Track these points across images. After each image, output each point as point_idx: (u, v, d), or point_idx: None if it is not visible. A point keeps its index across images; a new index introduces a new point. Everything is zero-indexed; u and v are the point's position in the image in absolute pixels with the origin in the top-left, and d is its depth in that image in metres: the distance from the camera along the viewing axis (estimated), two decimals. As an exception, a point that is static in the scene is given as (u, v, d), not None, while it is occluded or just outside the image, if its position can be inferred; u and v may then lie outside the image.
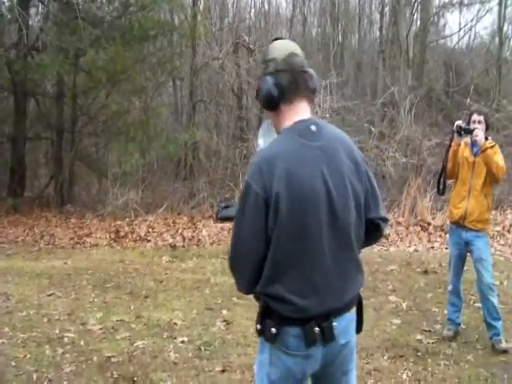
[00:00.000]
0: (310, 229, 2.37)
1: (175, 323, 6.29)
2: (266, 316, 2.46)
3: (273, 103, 2.53)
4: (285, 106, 2.52)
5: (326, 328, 2.39)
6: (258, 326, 2.49)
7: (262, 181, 2.33)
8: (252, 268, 2.42)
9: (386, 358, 5.22)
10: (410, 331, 5.90)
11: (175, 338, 5.83)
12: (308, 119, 2.51)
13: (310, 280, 2.39)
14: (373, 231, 2.64)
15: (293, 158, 2.38)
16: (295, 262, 2.38)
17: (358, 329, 2.65)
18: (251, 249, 2.40)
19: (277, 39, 2.66)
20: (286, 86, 2.48)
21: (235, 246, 2.46)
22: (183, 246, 10.72)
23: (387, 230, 2.75)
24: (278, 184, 2.32)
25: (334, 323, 2.42)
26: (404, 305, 6.80)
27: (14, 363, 5.20)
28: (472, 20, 21.66)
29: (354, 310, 2.58)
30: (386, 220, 2.68)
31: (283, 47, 2.56)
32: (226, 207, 2.90)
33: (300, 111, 2.52)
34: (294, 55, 2.52)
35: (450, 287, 5.79)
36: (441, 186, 5.80)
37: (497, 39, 21.40)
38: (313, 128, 2.47)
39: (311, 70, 2.58)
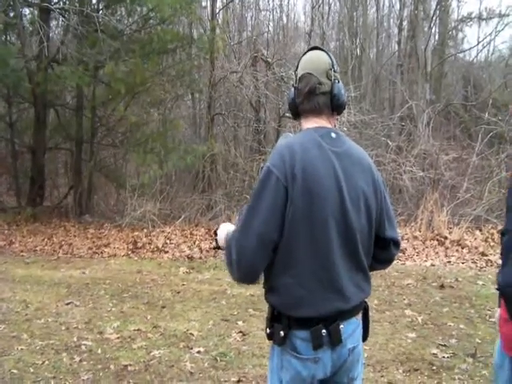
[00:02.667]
0: (319, 224, 2.38)
1: (191, 333, 6.33)
2: (274, 320, 2.49)
3: (295, 111, 2.64)
4: (307, 114, 2.61)
5: (332, 330, 2.42)
6: (268, 330, 2.52)
7: (283, 168, 2.35)
8: (260, 255, 2.38)
9: (400, 371, 5.23)
10: (426, 345, 5.91)
11: (191, 349, 5.87)
12: (329, 127, 2.58)
13: (316, 275, 2.40)
14: (383, 252, 2.70)
15: (312, 153, 2.42)
16: (303, 255, 2.39)
17: (364, 337, 2.68)
18: (264, 234, 2.36)
19: (313, 49, 2.71)
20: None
21: (246, 231, 2.40)
22: (200, 258, 10.77)
23: (396, 256, 2.75)
24: (297, 173, 2.34)
25: (341, 326, 2.45)
26: (419, 319, 6.80)
27: (32, 370, 5.28)
28: (490, 34, 21.58)
29: (360, 317, 2.62)
30: (397, 244, 2.73)
31: (317, 61, 2.63)
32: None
33: (322, 120, 2.59)
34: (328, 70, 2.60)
35: None
36: None
37: (515, 53, 21.39)
38: (333, 135, 2.53)
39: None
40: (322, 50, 2.66)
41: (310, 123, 2.59)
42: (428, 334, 6.29)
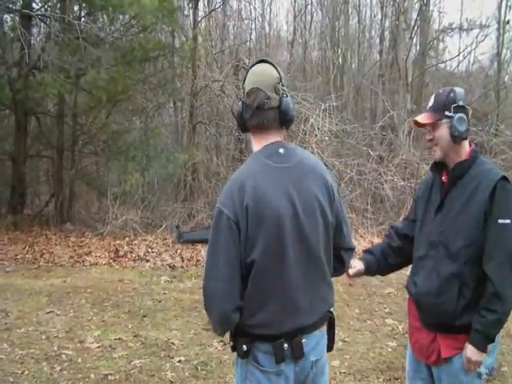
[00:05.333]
0: (276, 248, 2.41)
1: (172, 343, 6.33)
2: (237, 334, 2.53)
3: (242, 126, 2.64)
4: (255, 129, 2.62)
5: (294, 344, 2.45)
6: (231, 343, 2.57)
7: (233, 206, 2.38)
8: (228, 296, 2.42)
9: (381, 380, 5.26)
10: (406, 354, 5.92)
11: (172, 358, 5.86)
12: (277, 142, 2.58)
13: (278, 298, 2.44)
14: (336, 260, 2.73)
15: (259, 179, 2.43)
16: (263, 281, 2.42)
17: (329, 347, 2.72)
18: (227, 276, 2.40)
19: (261, 62, 2.66)
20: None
21: (210, 273, 2.44)
22: (182, 267, 10.75)
23: (350, 263, 2.79)
24: (248, 202, 2.36)
25: (304, 340, 2.48)
26: (400, 328, 6.83)
27: (11, 379, 5.25)
28: (471, 44, 21.83)
29: (324, 329, 2.65)
30: (352, 250, 2.81)
31: (261, 74, 2.59)
32: (192, 231, 2.87)
33: (270, 135, 2.59)
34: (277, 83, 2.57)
35: None
36: None
37: (495, 64, 21.57)
38: (281, 151, 2.55)
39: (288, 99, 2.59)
40: (270, 63, 2.64)
41: (257, 139, 2.62)
42: (408, 342, 6.30)
